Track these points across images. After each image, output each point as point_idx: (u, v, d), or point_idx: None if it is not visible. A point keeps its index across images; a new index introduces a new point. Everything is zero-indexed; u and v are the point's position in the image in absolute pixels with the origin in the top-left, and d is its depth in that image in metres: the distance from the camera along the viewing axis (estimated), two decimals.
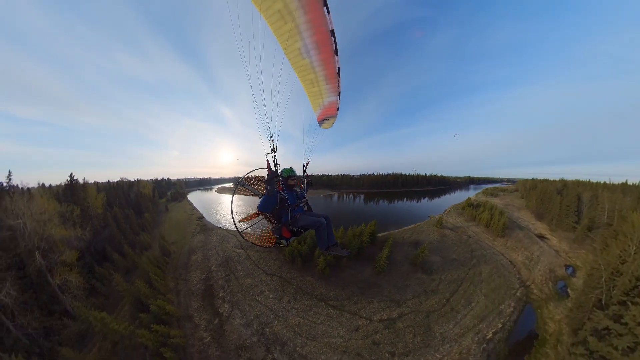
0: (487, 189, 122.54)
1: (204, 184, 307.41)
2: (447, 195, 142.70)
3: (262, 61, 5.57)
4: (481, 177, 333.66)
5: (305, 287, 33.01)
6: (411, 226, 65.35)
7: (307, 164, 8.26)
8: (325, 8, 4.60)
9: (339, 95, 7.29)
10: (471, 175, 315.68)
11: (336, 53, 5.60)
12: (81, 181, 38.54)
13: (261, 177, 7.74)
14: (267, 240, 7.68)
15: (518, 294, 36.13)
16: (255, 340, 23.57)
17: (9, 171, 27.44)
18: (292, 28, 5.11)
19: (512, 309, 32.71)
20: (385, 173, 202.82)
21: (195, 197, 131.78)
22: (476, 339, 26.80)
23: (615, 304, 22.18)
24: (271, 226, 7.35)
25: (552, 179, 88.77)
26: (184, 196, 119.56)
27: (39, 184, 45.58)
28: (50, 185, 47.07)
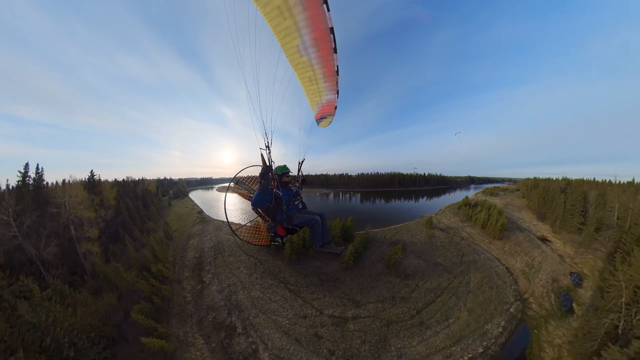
0: (487, 189, 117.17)
1: (205, 183, 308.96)
2: (447, 195, 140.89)
3: (258, 57, 5.50)
4: (482, 177, 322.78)
5: (272, 269, 36.46)
6: (398, 225, 59.90)
7: (303, 161, 8.24)
8: (325, 5, 4.54)
9: (338, 93, 7.22)
10: (472, 175, 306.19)
11: (335, 51, 5.52)
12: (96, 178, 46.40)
13: (257, 177, 7.54)
14: (262, 239, 7.69)
15: (512, 309, 30.95)
16: (222, 304, 28.78)
17: (41, 167, 33.39)
18: (290, 25, 5.03)
19: (501, 329, 27.34)
20: (383, 172, 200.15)
21: (196, 195, 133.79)
22: None
23: (639, 338, 16.94)
24: (266, 224, 7.27)
25: (554, 178, 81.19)
26: (185, 194, 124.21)
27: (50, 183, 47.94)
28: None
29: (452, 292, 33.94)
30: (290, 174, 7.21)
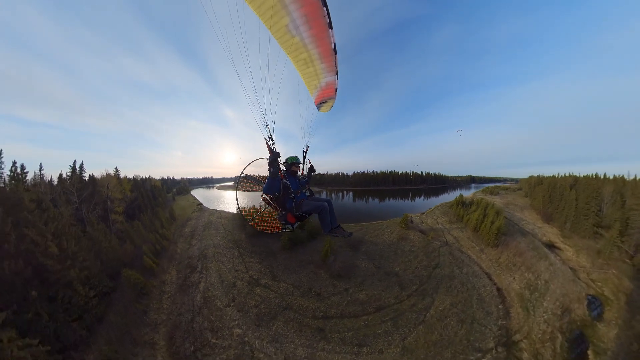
0: (487, 188, 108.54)
1: (206, 182, 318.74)
2: (446, 194, 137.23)
3: (246, 45, 4.90)
4: (483, 177, 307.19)
5: (237, 239, 44.89)
6: (373, 222, 54.64)
7: (307, 149, 8.27)
8: None
9: (337, 74, 6.61)
10: (472, 174, 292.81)
11: (330, 26, 4.86)
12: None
13: (264, 176, 7.90)
14: (274, 227, 8.01)
15: None
16: (197, 254, 39.26)
17: (82, 163, 44.37)
18: (275, 3, 4.40)
19: None
20: (379, 171, 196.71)
21: (197, 193, 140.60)
22: None
23: None
24: (277, 213, 7.51)
25: (560, 176, 69.25)
26: (188, 191, 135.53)
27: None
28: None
29: (391, 316, 26.13)
30: (299, 162, 7.48)
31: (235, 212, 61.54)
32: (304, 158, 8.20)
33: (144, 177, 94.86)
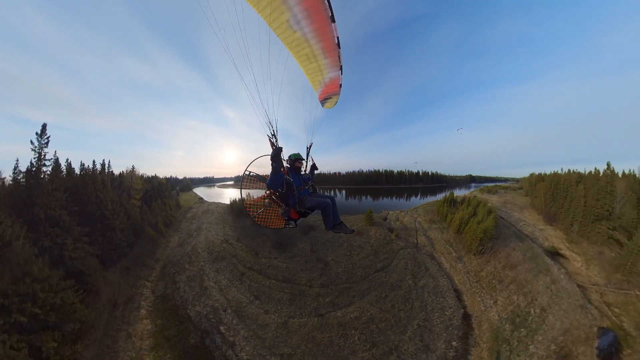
0: (485, 187, 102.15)
1: (207, 182, 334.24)
2: (444, 194, 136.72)
3: (247, 43, 4.79)
4: (484, 176, 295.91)
5: (225, 219, 55.99)
6: (342, 215, 57.67)
7: (311, 146, 8.23)
8: None
9: (341, 69, 6.46)
10: (472, 174, 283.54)
11: (333, 20, 4.77)
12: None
13: (267, 175, 7.84)
14: (277, 222, 8.02)
15: None
16: (194, 228, 49.81)
17: (109, 162, 50.48)
18: None
19: None
20: (373, 170, 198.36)
21: (199, 190, 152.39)
22: None
23: None
24: (280, 210, 7.58)
25: (563, 172, 60.52)
26: (190, 188, 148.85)
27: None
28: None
29: (291, 291, 30.85)
30: (302, 159, 7.57)
31: (229, 202, 70.00)
32: (307, 155, 8.18)
33: (149, 175, 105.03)
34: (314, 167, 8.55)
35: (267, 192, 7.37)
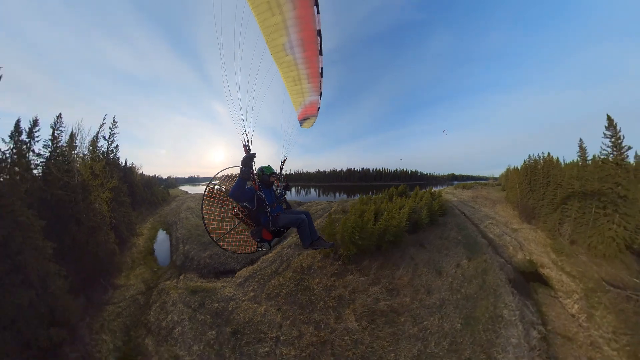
0: (462, 184, 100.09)
1: (192, 181, 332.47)
2: (422, 191, 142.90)
3: (241, 51, 5.20)
4: (466, 175, 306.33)
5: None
6: (306, 202, 68.29)
7: (284, 161, 8.03)
8: (315, 7, 4.56)
9: (320, 95, 7.31)
10: (455, 173, 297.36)
11: (320, 53, 5.59)
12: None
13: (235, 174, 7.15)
14: (248, 246, 7.14)
15: None
16: (182, 216, 53.20)
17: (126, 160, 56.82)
18: (279, 22, 4.98)
19: None
20: (346, 169, 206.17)
21: (184, 188, 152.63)
22: None
23: None
24: (249, 230, 6.76)
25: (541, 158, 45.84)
26: (176, 186, 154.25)
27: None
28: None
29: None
30: (276, 174, 7.00)
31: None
32: (281, 169, 7.90)
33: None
34: (287, 187, 7.97)
35: (235, 210, 6.64)
